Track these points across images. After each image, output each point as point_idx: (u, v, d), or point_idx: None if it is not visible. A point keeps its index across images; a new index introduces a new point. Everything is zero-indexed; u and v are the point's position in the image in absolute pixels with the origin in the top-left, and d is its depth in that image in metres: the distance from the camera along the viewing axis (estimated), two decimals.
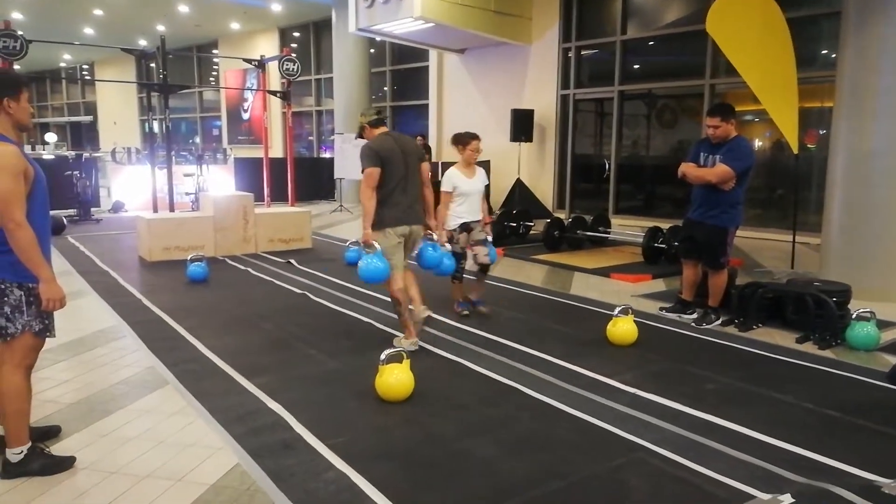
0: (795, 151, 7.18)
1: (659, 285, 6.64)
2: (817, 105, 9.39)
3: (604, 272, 7.12)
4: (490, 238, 5.37)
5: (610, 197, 11.89)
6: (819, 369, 4.14)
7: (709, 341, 4.73)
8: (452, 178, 5.24)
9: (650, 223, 8.72)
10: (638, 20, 11.57)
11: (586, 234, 8.72)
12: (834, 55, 7.40)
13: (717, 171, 4.82)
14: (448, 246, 5.02)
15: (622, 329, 4.53)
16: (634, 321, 4.60)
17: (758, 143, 10.49)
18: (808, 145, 9.37)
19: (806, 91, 8.04)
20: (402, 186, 4.35)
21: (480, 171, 5.38)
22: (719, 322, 5.11)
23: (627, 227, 9.86)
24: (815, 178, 9.03)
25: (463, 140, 5.24)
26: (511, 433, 3.15)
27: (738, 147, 4.86)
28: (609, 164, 11.94)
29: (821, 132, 9.28)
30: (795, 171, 8.05)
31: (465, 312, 5.32)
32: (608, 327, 4.59)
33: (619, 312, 4.59)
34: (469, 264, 5.35)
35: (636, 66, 11.79)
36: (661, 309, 5.52)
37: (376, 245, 4.18)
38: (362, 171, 4.26)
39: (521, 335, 4.75)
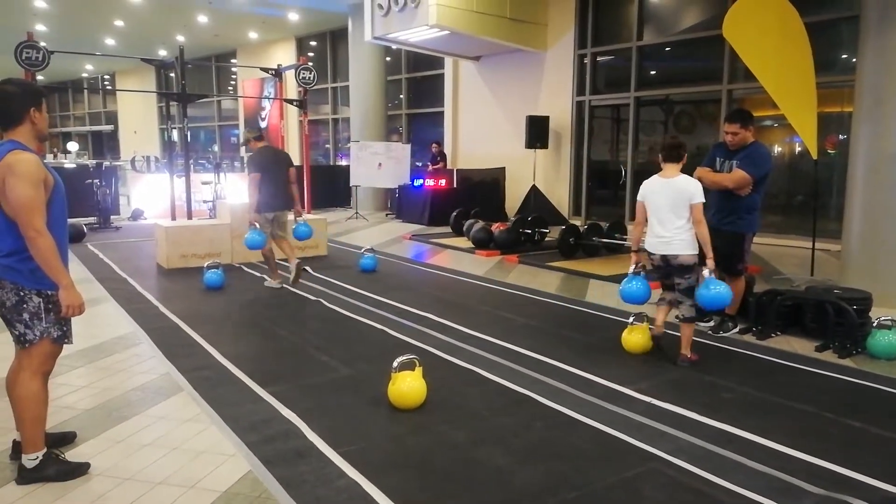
0: (815, 157, 7.09)
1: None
2: (837, 110, 9.27)
3: (620, 279, 6.98)
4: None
5: (626, 204, 11.81)
6: (839, 378, 4.07)
7: (726, 349, 4.66)
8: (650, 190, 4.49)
9: None
10: (654, 26, 11.52)
11: (602, 240, 8.66)
12: (853, 59, 7.31)
13: (735, 176, 4.77)
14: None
15: (637, 337, 4.49)
16: (650, 329, 4.55)
17: (776, 149, 10.38)
18: (828, 150, 9.25)
19: (825, 95, 7.95)
20: (275, 183, 6.39)
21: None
22: (737, 330, 5.04)
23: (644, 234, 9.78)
24: (835, 183, 8.91)
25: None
26: (524, 442, 3.13)
27: (755, 153, 4.80)
28: (625, 171, 11.87)
29: (840, 137, 9.16)
30: (815, 176, 7.94)
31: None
32: (623, 335, 4.55)
33: (635, 320, 4.55)
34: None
35: (652, 72, 11.74)
36: (678, 317, 5.45)
37: (256, 224, 6.27)
38: (249, 175, 6.45)
39: (535, 343, 4.72)
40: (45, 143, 3.45)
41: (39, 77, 9.04)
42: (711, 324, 5.17)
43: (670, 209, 4.23)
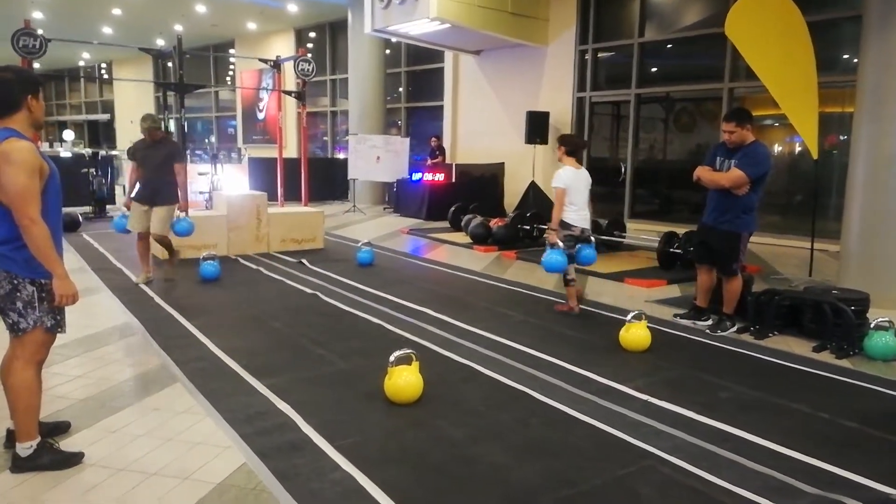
0: (815, 157, 7.08)
1: (674, 291, 6.57)
2: (838, 110, 9.27)
3: (618, 277, 7.06)
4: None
5: (626, 201, 11.81)
6: (836, 379, 4.06)
7: (723, 349, 4.66)
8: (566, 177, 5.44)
9: (666, 228, 8.64)
10: (656, 22, 11.49)
11: (601, 238, 8.64)
12: (855, 59, 7.29)
13: (731, 175, 4.77)
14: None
15: (635, 335, 4.48)
16: (648, 327, 4.54)
17: (777, 148, 10.38)
18: (829, 150, 9.25)
19: (826, 95, 7.94)
20: (148, 175, 6.20)
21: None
22: (734, 329, 5.04)
23: (643, 232, 9.78)
24: (835, 183, 8.91)
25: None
26: (521, 438, 3.11)
27: (753, 152, 4.79)
28: (625, 168, 11.86)
29: (841, 137, 9.16)
30: (815, 176, 7.94)
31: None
32: (621, 333, 4.54)
33: (633, 318, 4.53)
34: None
35: (653, 69, 11.71)
36: (676, 315, 5.46)
37: (125, 209, 6.39)
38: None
39: (532, 339, 4.71)
40: (41, 132, 3.43)
41: (36, 65, 8.97)
42: (709, 322, 5.17)
43: (586, 192, 5.44)
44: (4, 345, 2.79)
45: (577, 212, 5.37)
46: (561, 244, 5.28)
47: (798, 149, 9.90)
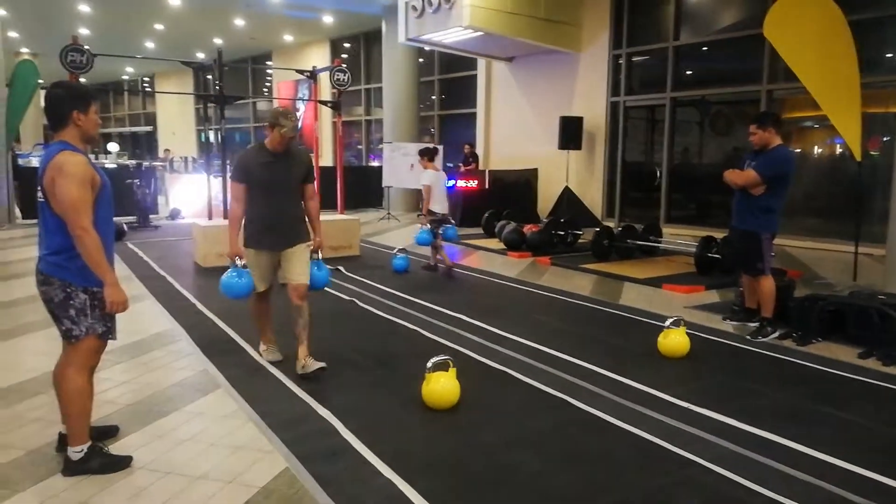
0: (858, 158, 6.91)
1: (712, 296, 6.47)
2: (881, 110, 9.02)
3: (655, 282, 6.98)
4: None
5: (661, 205, 11.66)
6: (884, 387, 3.95)
7: (765, 355, 4.57)
8: (431, 177, 7.44)
9: (703, 233, 8.51)
10: (691, 25, 11.35)
11: (637, 243, 8.56)
12: None
13: (745, 174, 4.91)
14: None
15: (674, 341, 4.43)
16: (686, 333, 4.49)
17: (818, 150, 10.15)
18: (872, 152, 9.00)
19: (870, 96, 7.75)
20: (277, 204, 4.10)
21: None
22: (776, 335, 4.94)
23: (679, 237, 9.65)
24: (880, 186, 8.66)
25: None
26: (558, 446, 3.11)
27: (772, 154, 4.90)
28: (660, 172, 11.72)
29: (885, 138, 8.90)
30: (858, 178, 7.73)
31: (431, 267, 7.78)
32: (659, 339, 4.49)
33: (671, 324, 4.48)
34: None
35: (689, 73, 11.57)
36: (725, 318, 5.43)
37: (237, 261, 4.23)
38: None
39: (569, 346, 4.68)
40: (91, 145, 3.49)
41: (82, 79, 9.28)
42: (750, 325, 5.09)
43: (444, 188, 7.58)
44: (58, 351, 2.90)
45: (440, 203, 7.43)
46: (429, 225, 7.33)
47: (840, 150, 9.65)
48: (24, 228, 11.41)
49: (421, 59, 15.54)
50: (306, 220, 4.24)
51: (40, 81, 12.39)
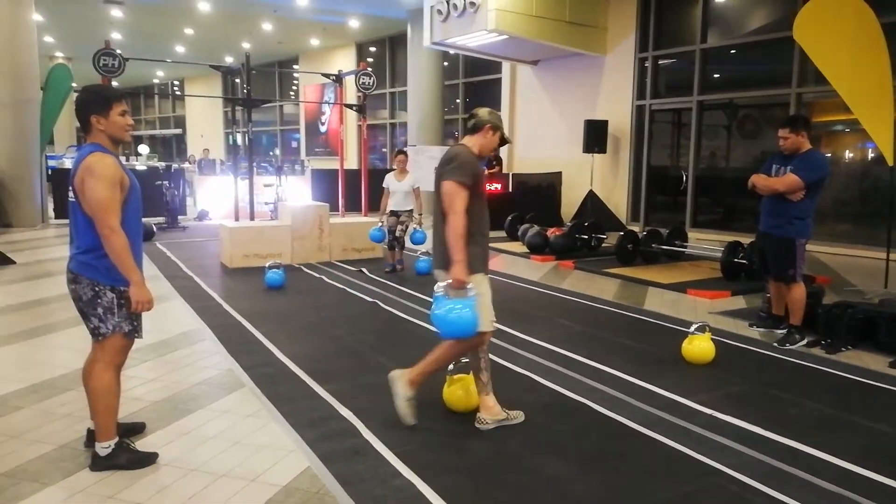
0: (890, 163, 6.75)
1: (738, 302, 6.38)
2: None
3: (680, 287, 6.90)
4: (414, 225, 7.72)
5: (687, 210, 11.53)
6: None
7: (792, 363, 4.49)
8: (387, 180, 7.77)
9: (730, 237, 8.40)
10: (719, 28, 11.22)
11: (662, 247, 8.48)
12: None
13: (786, 179, 4.75)
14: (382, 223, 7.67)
15: (699, 347, 4.37)
16: (712, 339, 4.43)
17: (849, 154, 9.95)
18: None
19: None
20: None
21: (409, 175, 7.71)
22: (804, 343, 4.85)
23: (705, 242, 9.53)
24: None
25: (396, 155, 7.83)
26: (580, 451, 3.09)
27: (809, 158, 4.79)
28: (686, 176, 11.59)
29: None
30: (891, 183, 7.55)
31: (388, 270, 7.70)
32: (684, 345, 4.44)
33: (696, 330, 4.43)
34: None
35: (716, 76, 11.43)
36: (752, 325, 5.35)
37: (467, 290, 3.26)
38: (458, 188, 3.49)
39: (592, 350, 4.65)
40: (120, 147, 3.54)
41: (114, 83, 9.48)
42: (777, 332, 5.01)
43: (405, 193, 7.68)
44: (88, 349, 2.96)
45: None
46: (385, 224, 7.66)
47: (871, 155, 9.45)
48: (57, 228, 11.68)
49: (445, 63, 15.58)
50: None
51: (74, 85, 12.69)
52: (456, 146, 3.39)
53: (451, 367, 3.50)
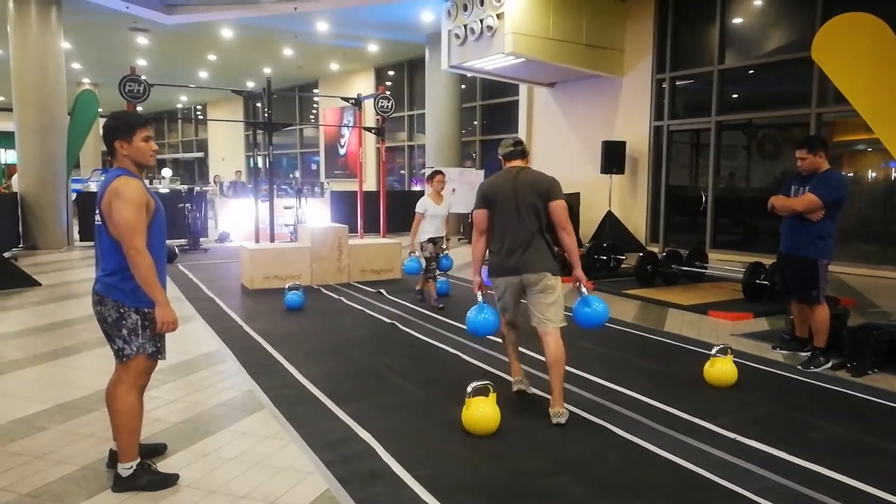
0: None
1: (761, 324, 6.30)
2: None
3: (701, 309, 6.83)
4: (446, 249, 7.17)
5: (707, 230, 11.45)
6: None
7: (817, 386, 4.41)
8: (424, 203, 6.94)
9: (751, 258, 8.31)
10: (736, 49, 11.22)
11: (681, 268, 8.41)
12: None
13: (805, 199, 4.75)
14: (417, 253, 6.92)
15: (720, 370, 4.32)
16: (734, 362, 4.38)
17: (872, 174, 9.84)
18: None
19: None
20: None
21: (447, 198, 7.18)
22: (829, 366, 4.77)
23: (726, 262, 9.44)
24: None
25: (432, 176, 7.14)
26: (599, 474, 3.06)
27: (827, 178, 4.80)
28: (706, 197, 11.52)
29: None
30: None
31: (420, 299, 7.22)
32: (705, 367, 4.39)
33: (718, 352, 4.38)
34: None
35: (735, 96, 11.41)
36: (775, 347, 5.28)
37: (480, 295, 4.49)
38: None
39: (611, 372, 4.62)
40: (144, 171, 3.61)
41: (139, 108, 9.68)
42: (801, 355, 4.94)
43: (443, 218, 7.09)
44: (111, 370, 3.01)
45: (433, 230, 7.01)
46: (421, 252, 6.94)
47: (895, 174, 9.34)
48: (82, 251, 11.89)
49: (463, 86, 15.73)
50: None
51: (100, 110, 12.99)
52: (534, 170, 4.05)
53: (469, 389, 3.50)
